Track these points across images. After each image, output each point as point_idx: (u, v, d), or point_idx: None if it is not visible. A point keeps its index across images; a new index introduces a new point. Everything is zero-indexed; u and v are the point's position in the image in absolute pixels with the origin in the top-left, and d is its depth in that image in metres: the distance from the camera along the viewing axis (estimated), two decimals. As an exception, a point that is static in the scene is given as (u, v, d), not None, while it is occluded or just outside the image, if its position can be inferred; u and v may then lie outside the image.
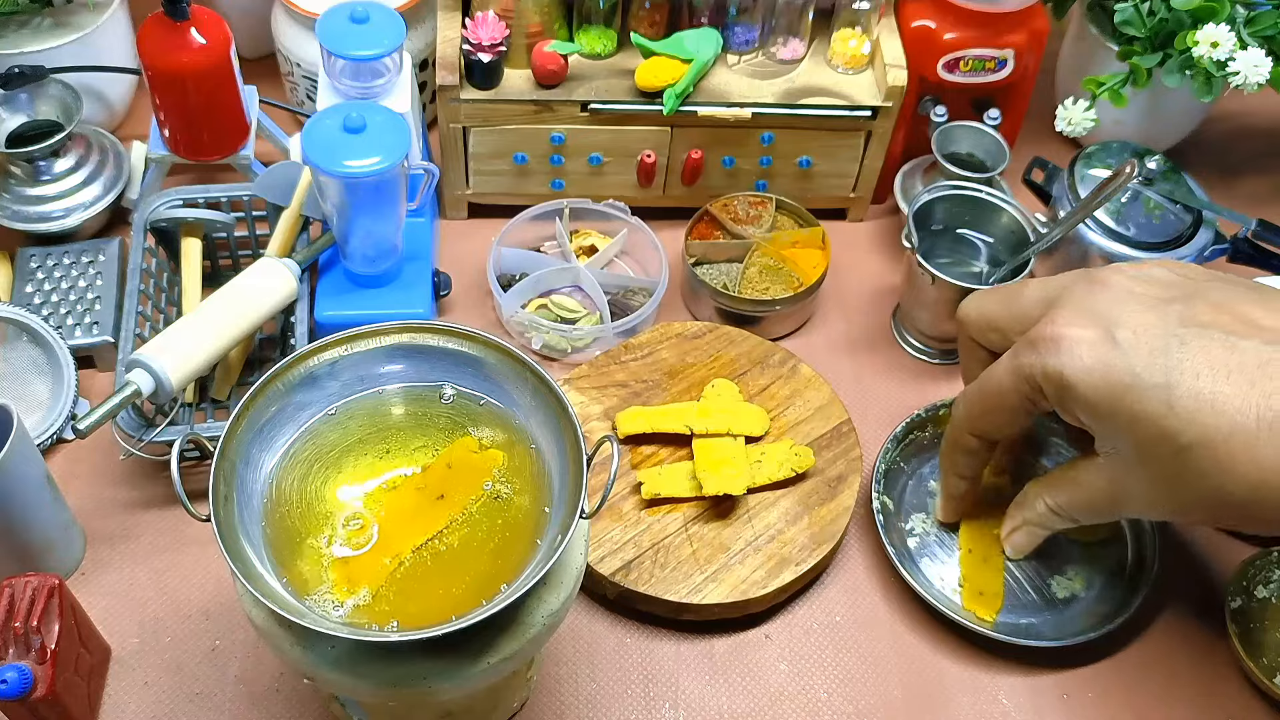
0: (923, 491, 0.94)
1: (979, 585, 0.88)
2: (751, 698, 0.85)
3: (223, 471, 0.66)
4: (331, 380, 0.72)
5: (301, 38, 1.09)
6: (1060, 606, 0.88)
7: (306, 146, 0.86)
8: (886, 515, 0.91)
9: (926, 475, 0.94)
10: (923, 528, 0.92)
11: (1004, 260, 1.01)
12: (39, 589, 0.75)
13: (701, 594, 0.85)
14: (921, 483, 0.94)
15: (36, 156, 1.01)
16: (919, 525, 0.92)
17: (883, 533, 0.88)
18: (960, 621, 0.85)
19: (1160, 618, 0.90)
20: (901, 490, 0.93)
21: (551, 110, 1.02)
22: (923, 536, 0.91)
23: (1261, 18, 1.00)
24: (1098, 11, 1.13)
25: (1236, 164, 1.22)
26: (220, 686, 0.83)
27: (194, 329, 0.87)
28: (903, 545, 0.90)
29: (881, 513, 0.90)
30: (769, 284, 1.03)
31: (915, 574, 0.88)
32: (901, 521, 0.92)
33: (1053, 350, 0.72)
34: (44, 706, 0.73)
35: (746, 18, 1.03)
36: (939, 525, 0.91)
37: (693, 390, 0.97)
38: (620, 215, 1.07)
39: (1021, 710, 0.85)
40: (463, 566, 0.67)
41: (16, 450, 0.77)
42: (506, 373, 0.72)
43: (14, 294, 0.99)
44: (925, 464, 0.95)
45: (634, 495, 0.90)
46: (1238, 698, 0.86)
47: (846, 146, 1.07)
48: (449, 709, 0.75)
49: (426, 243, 1.01)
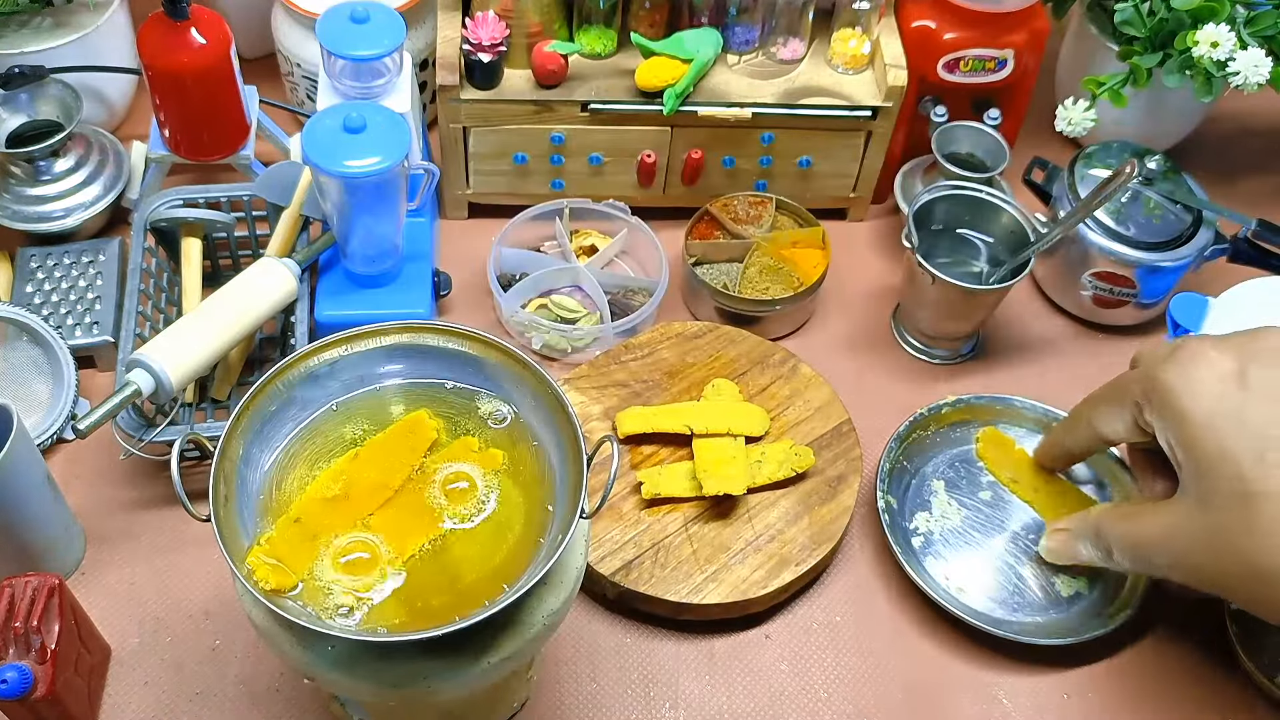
0: (926, 490, 0.94)
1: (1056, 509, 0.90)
2: (751, 698, 0.85)
3: (223, 471, 0.66)
4: (332, 380, 0.72)
5: (301, 38, 1.09)
6: (1065, 605, 0.88)
7: (306, 146, 0.86)
8: (891, 515, 0.91)
9: (929, 474, 0.94)
10: (926, 527, 0.92)
11: (1004, 260, 1.01)
12: (39, 589, 0.75)
13: (701, 594, 0.85)
14: (924, 481, 0.94)
15: (36, 156, 1.01)
16: (923, 524, 0.92)
17: (888, 532, 0.88)
18: (968, 620, 0.85)
19: (1161, 618, 0.90)
20: (905, 489, 0.94)
21: (551, 110, 1.02)
22: (926, 535, 0.91)
23: (1261, 18, 1.00)
24: (1098, 11, 1.13)
25: (1236, 164, 1.22)
26: (220, 686, 0.83)
27: (194, 329, 0.87)
28: (907, 545, 0.90)
29: (887, 512, 0.90)
30: (769, 284, 1.03)
31: (920, 573, 0.88)
32: (905, 521, 0.92)
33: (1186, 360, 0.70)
34: (44, 706, 0.73)
35: (746, 18, 1.03)
36: (943, 523, 0.92)
37: (693, 390, 0.97)
38: (620, 215, 1.07)
39: (1022, 710, 0.85)
40: (463, 566, 0.66)
41: (16, 450, 0.77)
42: (506, 373, 0.72)
43: (14, 294, 0.99)
44: (928, 463, 0.95)
45: (634, 495, 0.90)
46: (1238, 698, 0.86)
47: (846, 146, 1.07)
48: (449, 709, 0.75)
49: (426, 243, 1.01)
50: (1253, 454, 0.66)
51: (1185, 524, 0.71)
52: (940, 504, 0.93)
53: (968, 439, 0.96)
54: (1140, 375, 0.74)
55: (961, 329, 1.02)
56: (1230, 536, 0.68)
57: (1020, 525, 0.92)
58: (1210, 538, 0.69)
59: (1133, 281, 1.01)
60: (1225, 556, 0.69)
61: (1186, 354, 0.71)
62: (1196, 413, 0.69)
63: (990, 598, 0.88)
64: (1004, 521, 0.92)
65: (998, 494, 0.93)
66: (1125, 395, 0.76)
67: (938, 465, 0.95)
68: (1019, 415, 0.97)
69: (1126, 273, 1.01)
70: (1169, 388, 0.71)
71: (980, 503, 0.93)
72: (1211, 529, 0.69)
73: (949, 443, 0.96)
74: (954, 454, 0.96)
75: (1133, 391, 0.75)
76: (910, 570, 0.87)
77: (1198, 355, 0.71)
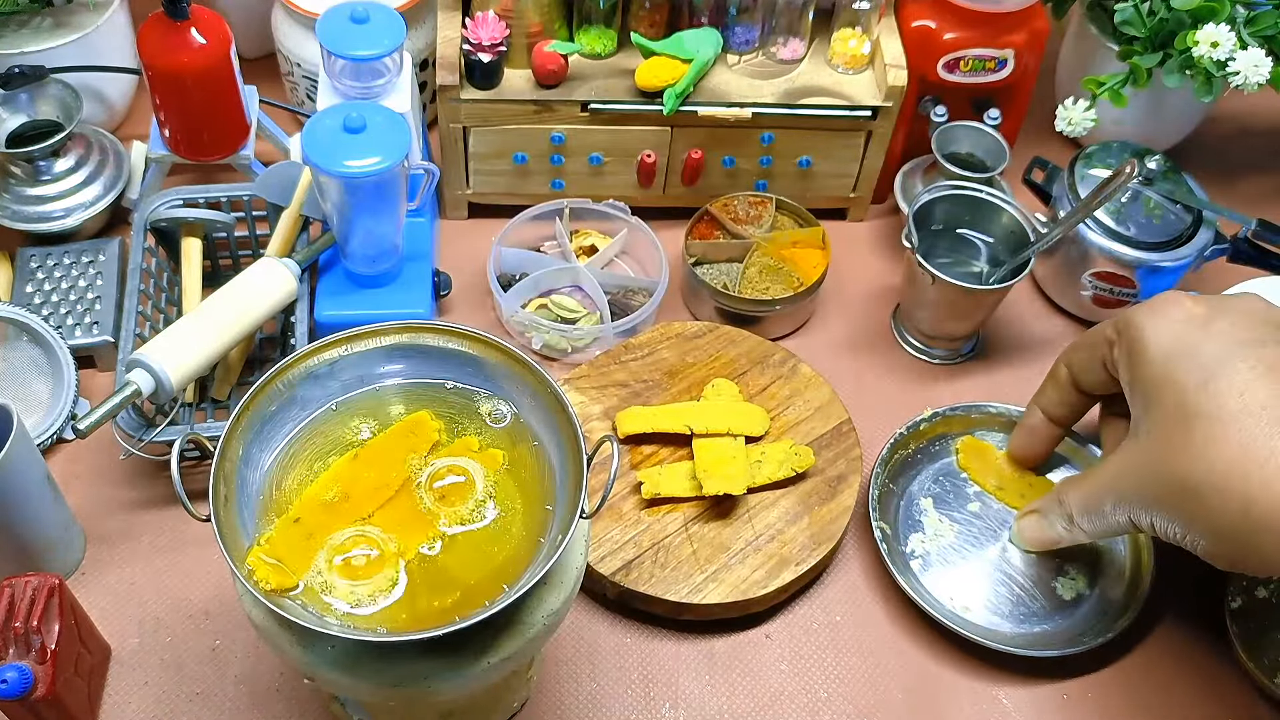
0: (915, 510, 0.93)
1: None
2: (751, 698, 0.85)
3: (223, 471, 0.66)
4: (332, 380, 0.72)
5: (301, 38, 1.09)
6: (1069, 608, 0.88)
7: (306, 146, 0.86)
8: (889, 542, 0.89)
9: (916, 493, 0.94)
10: (923, 548, 0.91)
11: (1004, 260, 1.01)
12: (39, 589, 0.75)
13: (701, 594, 0.85)
14: (912, 501, 0.93)
15: (36, 156, 1.01)
16: (918, 546, 0.91)
17: (888, 560, 0.87)
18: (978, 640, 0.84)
19: (1161, 618, 0.90)
20: (896, 513, 0.93)
21: (551, 110, 1.02)
22: (924, 557, 0.91)
23: (1261, 18, 1.00)
24: (1098, 11, 1.13)
25: (1236, 164, 1.22)
26: (220, 686, 0.83)
27: (194, 329, 0.87)
28: (906, 568, 0.89)
29: (884, 541, 0.89)
30: (769, 284, 1.03)
31: (923, 595, 0.87)
32: (901, 545, 0.91)
33: (1159, 304, 0.74)
34: (44, 706, 0.74)
35: (746, 18, 1.03)
36: (937, 542, 0.91)
37: (693, 390, 0.97)
38: (620, 215, 1.07)
39: (1022, 711, 0.85)
40: (463, 566, 0.66)
41: (16, 450, 0.77)
42: (506, 373, 0.72)
43: (14, 294, 0.99)
44: (913, 481, 0.94)
45: (634, 495, 0.90)
46: (1238, 698, 0.86)
47: (846, 146, 1.07)
48: (449, 709, 0.75)
49: (426, 243, 1.01)
50: (1197, 382, 0.70)
51: (1130, 459, 0.74)
52: (931, 523, 0.92)
53: (948, 451, 0.96)
54: (1116, 318, 0.78)
55: (961, 329, 1.02)
56: (1166, 456, 0.71)
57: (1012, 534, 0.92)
58: (1149, 462, 0.72)
59: (1133, 281, 1.01)
60: (1161, 477, 0.71)
61: (1163, 299, 0.75)
62: (1155, 347, 0.73)
63: (994, 611, 0.88)
64: (996, 531, 0.92)
65: (985, 504, 0.93)
66: (1099, 335, 0.80)
67: (923, 483, 0.94)
68: (995, 420, 0.96)
69: (1126, 273, 1.01)
70: (1137, 324, 0.75)
71: (970, 515, 0.92)
72: (1151, 453, 0.72)
73: (930, 457, 0.95)
74: (936, 468, 0.95)
75: (1106, 331, 0.79)
76: (914, 595, 0.86)
77: (1172, 300, 0.75)
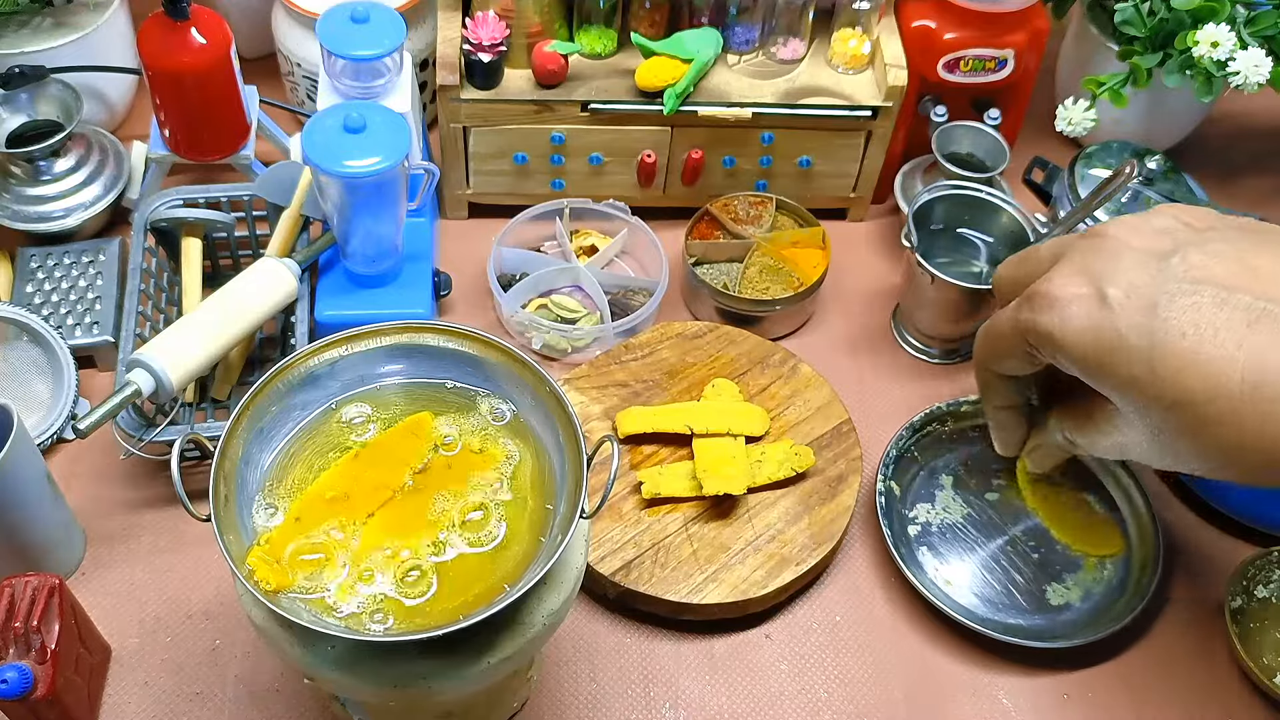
0: (933, 484, 0.94)
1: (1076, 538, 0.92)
2: (751, 698, 0.85)
3: (223, 471, 0.66)
4: (332, 380, 0.72)
5: (302, 38, 1.09)
6: (1051, 613, 0.88)
7: (306, 146, 0.86)
8: (889, 500, 0.91)
9: (940, 469, 0.95)
10: (925, 517, 0.92)
11: (1004, 260, 1.01)
12: (39, 589, 0.75)
13: (701, 594, 0.85)
14: (934, 475, 0.94)
15: (37, 156, 1.01)
16: (923, 515, 0.92)
17: (881, 517, 0.89)
18: (958, 618, 0.85)
19: (1160, 618, 0.90)
20: (911, 478, 0.94)
21: (551, 110, 1.02)
22: (924, 526, 0.91)
23: (1261, 18, 1.00)
24: (1098, 11, 1.13)
25: (1236, 164, 1.22)
26: (220, 686, 0.83)
27: (194, 329, 0.87)
28: (902, 531, 0.90)
29: (884, 496, 0.90)
30: (769, 284, 1.03)
31: (910, 563, 0.88)
32: (905, 509, 0.92)
33: (1045, 308, 0.71)
34: (44, 706, 0.73)
35: (746, 18, 1.03)
36: (944, 516, 0.92)
37: (693, 390, 0.97)
38: (620, 215, 1.07)
39: (1022, 710, 0.85)
40: (463, 566, 0.66)
41: (16, 450, 0.77)
42: (506, 372, 0.72)
43: (14, 294, 0.99)
44: (940, 457, 0.95)
45: (634, 495, 0.90)
46: (1238, 698, 0.86)
47: (846, 146, 1.07)
48: (449, 709, 0.75)
49: (426, 243, 1.01)
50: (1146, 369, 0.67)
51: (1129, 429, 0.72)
52: (945, 498, 0.93)
53: (981, 441, 0.96)
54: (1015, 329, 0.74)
55: (961, 329, 1.02)
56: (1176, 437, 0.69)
57: (1021, 531, 0.92)
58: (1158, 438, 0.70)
59: (1133, 281, 1.01)
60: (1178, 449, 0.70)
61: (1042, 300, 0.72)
62: (1085, 351, 0.70)
63: (976, 594, 0.88)
64: (1005, 525, 0.92)
65: (1006, 499, 0.93)
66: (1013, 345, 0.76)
67: (949, 461, 0.95)
68: None
69: (1126, 273, 1.01)
70: (1045, 332, 0.71)
71: (985, 504, 0.93)
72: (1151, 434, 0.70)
73: (966, 441, 0.96)
74: (968, 452, 0.96)
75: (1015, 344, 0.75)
76: (898, 558, 0.87)
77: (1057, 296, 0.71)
